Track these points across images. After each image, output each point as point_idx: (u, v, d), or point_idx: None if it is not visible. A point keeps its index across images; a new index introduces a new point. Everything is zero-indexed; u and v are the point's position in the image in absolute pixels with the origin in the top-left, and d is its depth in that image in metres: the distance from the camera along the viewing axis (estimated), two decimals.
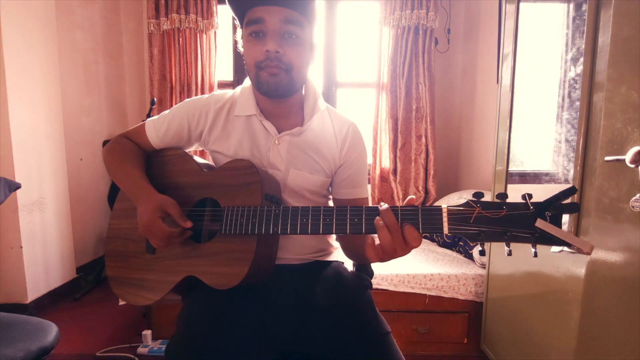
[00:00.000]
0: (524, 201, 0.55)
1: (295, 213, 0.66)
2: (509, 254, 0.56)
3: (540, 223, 0.53)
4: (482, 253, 0.60)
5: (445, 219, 0.57)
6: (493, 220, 0.55)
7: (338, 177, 0.88)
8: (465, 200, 0.57)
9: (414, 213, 0.59)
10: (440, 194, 2.53)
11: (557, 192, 0.53)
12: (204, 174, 0.82)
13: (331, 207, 0.64)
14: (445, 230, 0.57)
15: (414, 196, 0.60)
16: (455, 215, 0.57)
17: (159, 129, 0.87)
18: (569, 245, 0.52)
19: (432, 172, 2.48)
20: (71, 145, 2.27)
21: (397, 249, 0.59)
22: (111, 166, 0.86)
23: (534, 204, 0.55)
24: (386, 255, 0.61)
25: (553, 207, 0.53)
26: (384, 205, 0.60)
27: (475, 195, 0.57)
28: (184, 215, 0.75)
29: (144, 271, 0.82)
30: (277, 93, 0.78)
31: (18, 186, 1.22)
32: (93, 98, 2.50)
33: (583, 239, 0.50)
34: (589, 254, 0.51)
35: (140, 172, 0.84)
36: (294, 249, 0.85)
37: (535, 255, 0.54)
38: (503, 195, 0.56)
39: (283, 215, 0.66)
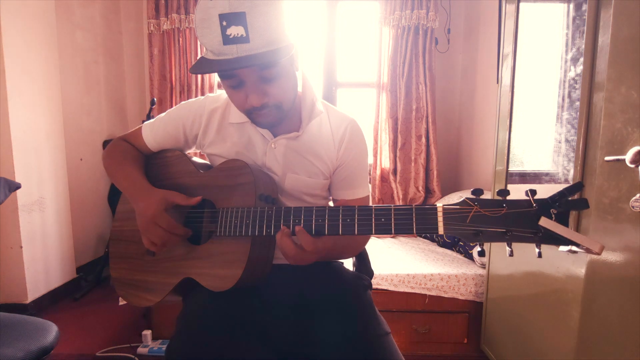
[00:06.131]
0: (526, 198, 0.51)
1: (288, 214, 0.65)
2: (511, 254, 0.53)
3: (544, 222, 0.49)
4: (481, 254, 0.57)
5: (440, 219, 0.54)
6: (492, 220, 0.52)
7: (336, 178, 0.86)
8: (463, 199, 0.54)
9: (408, 213, 0.56)
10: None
11: (561, 188, 0.49)
12: (200, 175, 0.82)
13: (323, 207, 0.63)
14: (441, 230, 0.54)
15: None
16: (451, 214, 0.54)
17: (155, 132, 0.88)
18: (576, 244, 0.48)
19: (435, 172, 2.47)
20: (71, 145, 2.27)
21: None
22: (110, 168, 0.87)
23: (537, 201, 0.50)
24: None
25: (559, 204, 0.49)
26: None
27: (474, 192, 0.54)
28: (189, 197, 0.77)
29: (144, 273, 0.82)
30: (273, 127, 0.79)
31: (18, 186, 1.22)
32: (93, 98, 2.50)
33: (592, 239, 0.47)
34: (598, 254, 0.47)
35: (139, 172, 0.83)
36: None
37: (540, 255, 0.51)
38: (504, 192, 0.52)
39: (276, 216, 0.65)
